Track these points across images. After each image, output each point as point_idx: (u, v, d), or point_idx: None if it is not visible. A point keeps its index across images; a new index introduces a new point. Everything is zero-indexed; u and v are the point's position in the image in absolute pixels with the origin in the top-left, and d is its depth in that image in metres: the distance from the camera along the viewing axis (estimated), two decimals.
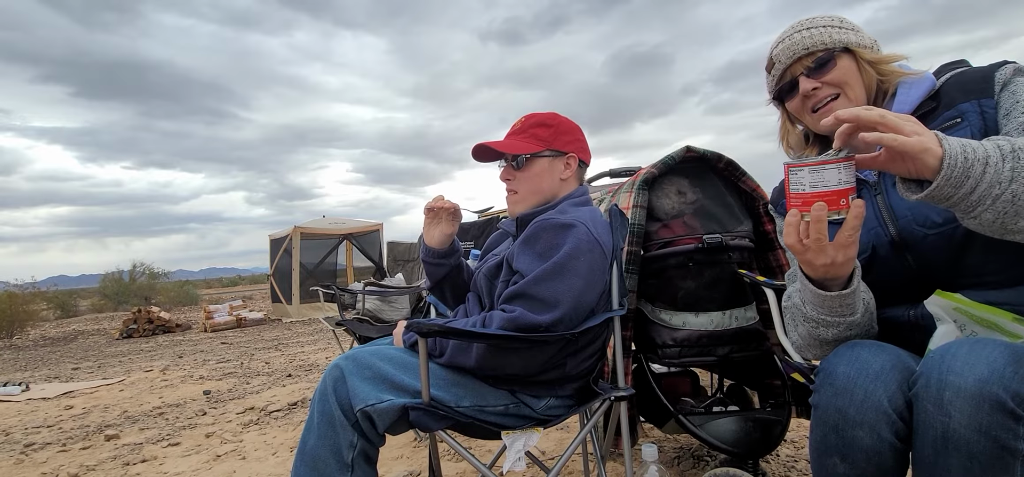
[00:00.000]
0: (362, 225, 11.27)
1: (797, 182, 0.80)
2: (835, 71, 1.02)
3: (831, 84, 1.02)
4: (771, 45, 1.11)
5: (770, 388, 1.75)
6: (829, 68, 1.02)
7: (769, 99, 1.17)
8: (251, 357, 5.65)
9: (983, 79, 0.93)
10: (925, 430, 0.73)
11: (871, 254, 0.98)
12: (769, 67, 1.12)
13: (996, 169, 0.72)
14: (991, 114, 0.90)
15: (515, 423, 1.23)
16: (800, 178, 0.80)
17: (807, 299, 0.92)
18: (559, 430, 2.43)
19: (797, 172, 0.80)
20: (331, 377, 1.19)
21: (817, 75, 1.03)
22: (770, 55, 1.11)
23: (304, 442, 1.18)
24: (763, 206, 1.76)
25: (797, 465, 1.93)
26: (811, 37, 1.03)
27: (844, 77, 1.02)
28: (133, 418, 3.38)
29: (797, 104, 1.08)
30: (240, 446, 2.65)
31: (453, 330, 1.13)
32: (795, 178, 0.80)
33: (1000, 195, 0.72)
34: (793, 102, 1.08)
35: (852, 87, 1.02)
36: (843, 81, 1.02)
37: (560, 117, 1.39)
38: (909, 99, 0.99)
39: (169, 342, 7.85)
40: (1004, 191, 0.72)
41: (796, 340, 1.02)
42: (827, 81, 1.02)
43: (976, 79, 0.94)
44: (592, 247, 1.21)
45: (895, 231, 0.96)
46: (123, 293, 16.04)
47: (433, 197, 1.44)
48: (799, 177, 0.80)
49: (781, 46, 1.07)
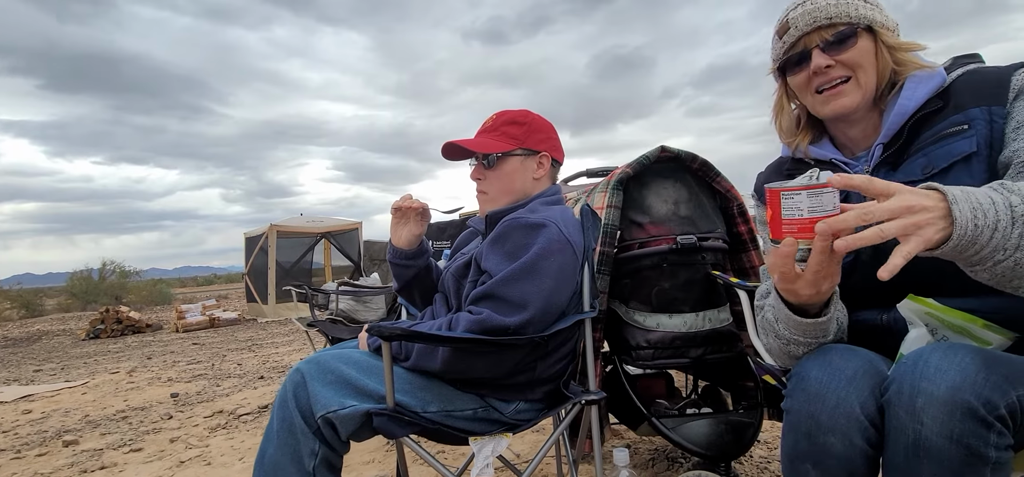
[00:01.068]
0: (341, 224, 11.10)
1: (792, 207, 0.73)
2: (854, 50, 0.93)
3: (846, 64, 0.94)
4: (787, 6, 1.00)
5: (743, 389, 1.75)
6: (848, 45, 0.93)
7: (771, 68, 1.07)
8: (223, 358, 5.51)
9: (997, 83, 0.87)
10: (897, 437, 0.72)
11: (854, 259, 0.94)
12: (781, 31, 1.00)
13: (1004, 235, 0.67)
14: (1000, 124, 0.84)
15: (484, 428, 1.20)
16: (796, 203, 0.72)
17: (781, 320, 0.88)
18: (535, 432, 2.41)
19: (792, 197, 0.73)
20: (292, 382, 1.14)
21: (834, 51, 0.94)
22: (785, 17, 0.99)
23: (263, 451, 1.14)
24: (736, 207, 1.76)
25: (770, 466, 1.93)
26: (836, 6, 0.93)
27: (861, 58, 0.94)
28: (95, 422, 3.25)
29: (803, 79, 0.99)
30: (206, 451, 2.56)
31: (418, 334, 1.09)
32: (790, 203, 0.73)
33: (1002, 260, 0.68)
34: (799, 76, 0.99)
35: (866, 71, 0.94)
36: (858, 63, 0.94)
37: (532, 115, 1.36)
38: (916, 96, 0.92)
39: (138, 343, 7.61)
40: (1008, 257, 0.68)
41: (767, 345, 1.00)
42: (843, 60, 0.94)
43: (990, 82, 0.88)
44: (563, 247, 1.18)
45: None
46: (92, 292, 15.54)
47: (401, 196, 1.40)
48: (795, 202, 0.72)
49: (800, 10, 0.96)
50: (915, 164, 0.91)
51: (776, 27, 1.02)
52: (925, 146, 0.91)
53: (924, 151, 0.90)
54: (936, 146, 0.89)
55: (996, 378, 0.67)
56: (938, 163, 0.88)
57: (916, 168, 0.91)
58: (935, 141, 0.89)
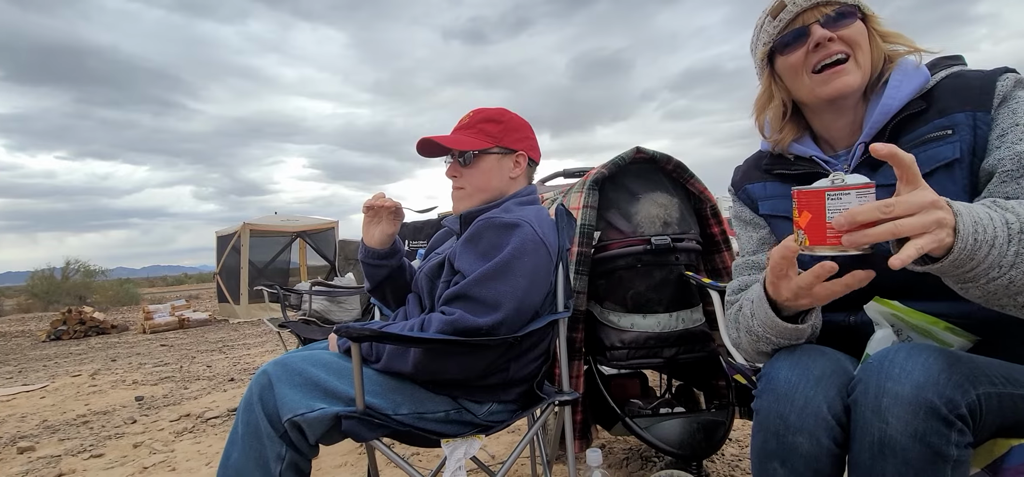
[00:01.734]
0: (316, 223, 10.90)
1: (841, 208, 0.67)
2: (854, 28, 0.91)
3: (846, 41, 0.92)
4: None
5: (716, 389, 1.77)
6: (849, 22, 0.91)
7: (759, 56, 1.02)
8: (192, 360, 5.35)
9: (982, 89, 0.85)
10: (863, 435, 0.73)
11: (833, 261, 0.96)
12: (776, 10, 0.96)
13: (1000, 252, 0.66)
14: (984, 131, 0.83)
15: (456, 430, 1.18)
16: (845, 205, 0.67)
17: (758, 316, 0.87)
18: (510, 433, 2.40)
19: (839, 198, 0.67)
20: (258, 385, 1.11)
21: (835, 26, 0.91)
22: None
23: (227, 455, 1.10)
24: (710, 209, 1.78)
25: (741, 464, 1.96)
26: None
27: (859, 38, 0.92)
28: (53, 428, 3.12)
29: (798, 58, 0.94)
30: (171, 457, 2.48)
31: (388, 335, 1.07)
32: (837, 205, 0.67)
33: (996, 278, 0.67)
34: (793, 55, 0.95)
35: (863, 52, 0.92)
36: (857, 42, 0.92)
37: (509, 113, 1.35)
38: (900, 94, 0.90)
39: (102, 344, 7.34)
40: (1002, 275, 0.67)
41: (735, 339, 1.00)
42: (843, 36, 0.91)
43: (974, 87, 0.86)
44: (537, 247, 1.17)
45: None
46: (54, 292, 14.94)
47: (373, 195, 1.37)
48: (844, 203, 0.67)
49: None
50: None
51: (768, 9, 0.98)
52: (907, 148, 0.88)
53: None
54: (918, 150, 0.86)
55: (958, 378, 0.68)
56: (921, 167, 0.85)
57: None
58: (917, 144, 0.87)
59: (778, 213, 1.04)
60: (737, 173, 1.14)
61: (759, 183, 1.07)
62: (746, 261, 1.07)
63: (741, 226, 1.12)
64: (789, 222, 0.97)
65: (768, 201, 1.06)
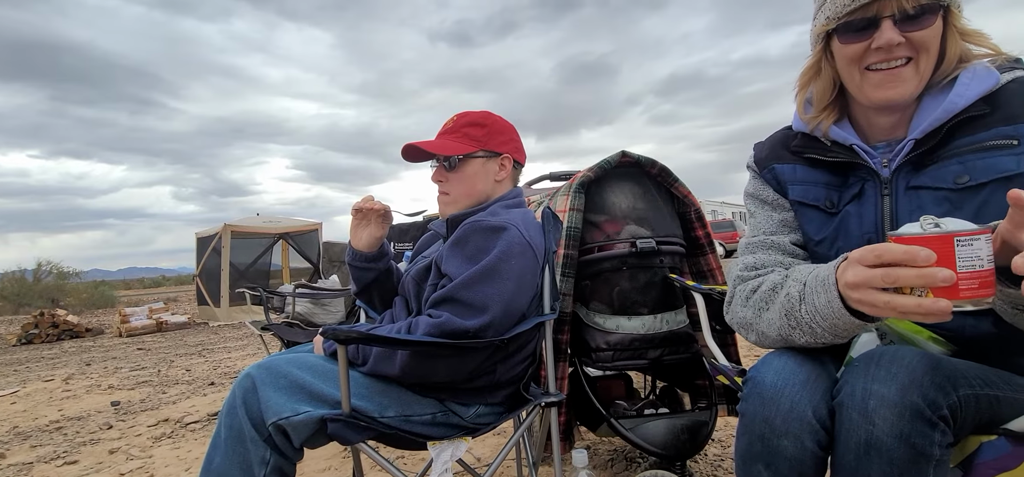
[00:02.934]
0: (300, 224, 10.77)
1: (972, 257, 0.61)
2: (929, 30, 0.82)
3: (912, 45, 0.82)
4: None
5: (699, 389, 1.80)
6: (926, 23, 0.81)
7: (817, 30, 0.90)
8: (170, 364, 5.24)
9: None
10: (848, 437, 0.74)
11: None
12: None
13: None
14: None
15: (443, 433, 1.18)
16: (976, 251, 0.61)
17: (817, 303, 0.77)
18: (496, 435, 2.40)
19: (970, 243, 0.61)
20: (241, 388, 1.09)
21: (909, 27, 0.81)
22: None
23: (209, 460, 1.08)
24: (694, 212, 1.80)
25: (723, 464, 1.99)
26: None
27: (929, 41, 0.82)
28: (24, 434, 3.02)
29: (858, 50, 0.85)
30: (149, 463, 2.43)
31: (375, 337, 1.06)
32: (967, 252, 0.61)
33: None
34: (854, 45, 0.85)
35: (928, 57, 0.83)
36: (925, 46, 0.82)
37: (494, 116, 1.36)
38: (967, 94, 0.82)
39: (76, 348, 7.15)
40: None
41: (745, 318, 0.92)
42: (913, 39, 0.82)
43: None
44: (524, 250, 1.18)
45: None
46: (25, 294, 14.51)
47: (362, 197, 1.36)
48: (974, 250, 0.61)
49: None
50: (946, 170, 0.83)
51: None
52: (962, 152, 0.82)
53: (961, 158, 0.82)
54: (976, 156, 0.81)
55: (940, 380, 0.70)
56: (977, 176, 0.80)
57: (947, 174, 0.83)
58: (976, 150, 0.81)
59: (807, 201, 0.96)
60: (761, 149, 1.05)
61: (788, 165, 0.99)
62: (761, 240, 0.99)
63: (759, 205, 1.04)
64: (818, 211, 0.94)
65: (798, 186, 0.98)
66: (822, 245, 0.95)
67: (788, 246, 0.97)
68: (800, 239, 0.99)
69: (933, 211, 0.83)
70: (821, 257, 0.94)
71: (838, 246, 0.92)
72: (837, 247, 0.92)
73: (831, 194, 0.94)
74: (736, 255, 1.05)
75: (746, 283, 0.94)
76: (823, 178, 0.96)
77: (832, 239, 0.93)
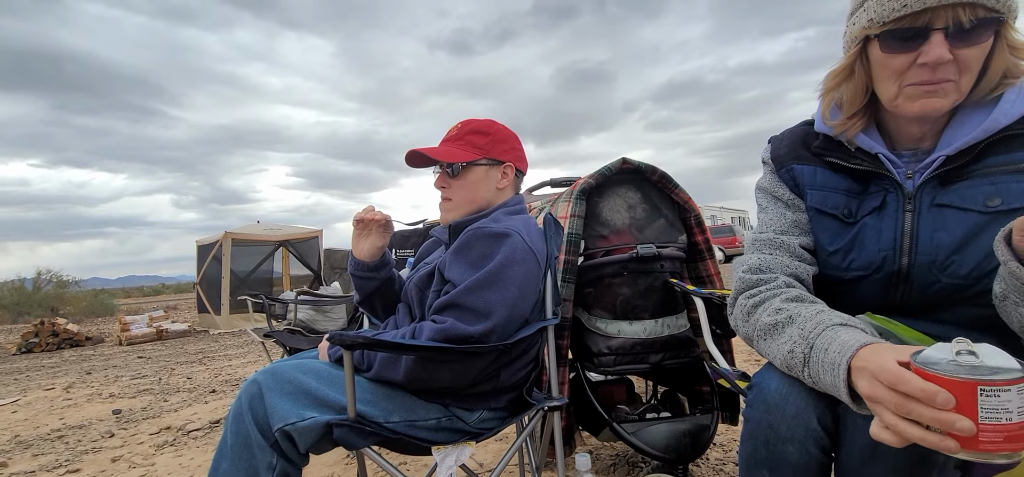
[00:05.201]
0: (300, 231, 10.79)
1: (997, 408, 0.52)
2: (978, 48, 0.75)
3: (960, 64, 0.76)
4: None
5: (700, 394, 1.81)
6: (979, 39, 0.75)
7: (854, 32, 0.83)
8: (171, 372, 5.24)
9: None
10: (853, 441, 0.75)
11: (868, 275, 0.87)
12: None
13: None
14: None
15: (447, 438, 1.19)
16: (1004, 403, 0.52)
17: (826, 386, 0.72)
18: (497, 440, 2.40)
19: (996, 394, 0.52)
20: (247, 394, 1.10)
21: (960, 43, 0.74)
22: None
23: (216, 466, 1.09)
24: (694, 218, 1.82)
25: (725, 468, 2.00)
26: None
27: (976, 60, 0.77)
28: (26, 443, 3.02)
29: (902, 63, 0.78)
30: (151, 470, 2.43)
31: (380, 343, 1.07)
32: (993, 403, 0.52)
33: None
34: (900, 56, 0.78)
35: (970, 75, 0.78)
36: (970, 66, 0.77)
37: (497, 125, 1.37)
38: (1012, 112, 0.77)
39: (77, 357, 7.13)
40: None
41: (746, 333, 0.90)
42: (961, 57, 0.76)
43: None
44: (526, 256, 1.19)
45: (907, 263, 0.83)
46: (25, 303, 14.49)
47: (363, 207, 1.38)
48: (1002, 401, 0.52)
49: None
50: (977, 190, 0.79)
51: None
52: (995, 172, 0.79)
53: (993, 178, 0.78)
54: (1011, 178, 0.77)
55: None
56: (1010, 201, 0.77)
57: (977, 195, 0.79)
58: (1011, 171, 0.77)
59: (825, 208, 0.92)
60: (779, 146, 1.00)
61: (808, 166, 0.95)
62: (770, 238, 0.94)
63: (772, 201, 0.99)
64: (834, 220, 0.91)
65: (817, 192, 0.93)
66: (836, 256, 0.91)
67: (796, 249, 0.93)
68: (810, 243, 0.94)
69: (955, 231, 0.80)
70: (834, 266, 0.91)
71: (852, 258, 0.89)
72: (850, 259, 0.89)
73: (850, 203, 0.90)
74: (744, 248, 1.01)
75: (747, 294, 0.91)
76: (843, 184, 0.91)
77: (846, 250, 0.90)
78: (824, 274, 0.93)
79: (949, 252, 0.80)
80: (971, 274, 0.78)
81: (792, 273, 0.91)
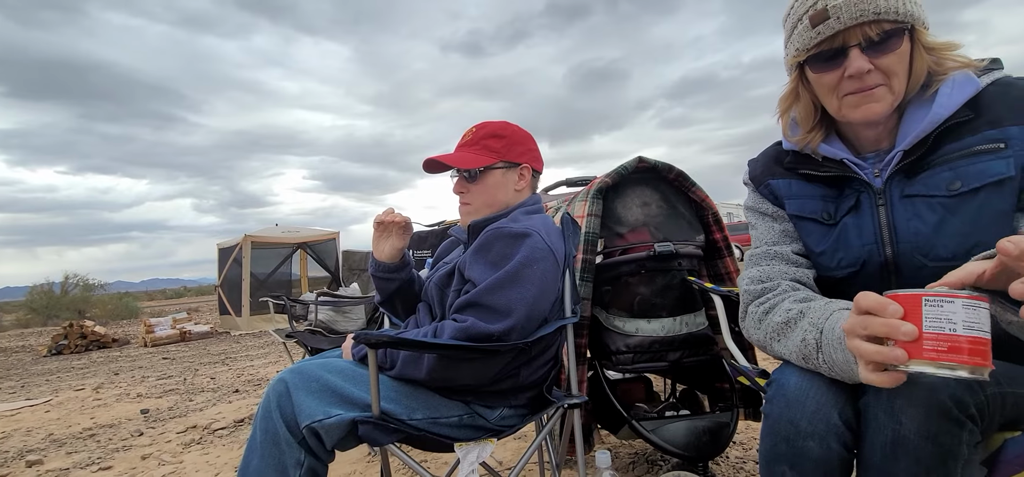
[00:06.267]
0: (317, 234, 10.94)
1: (940, 318, 0.57)
2: (895, 55, 0.83)
3: (882, 70, 0.84)
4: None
5: (719, 391, 1.80)
6: (891, 48, 0.83)
7: (791, 59, 0.93)
8: (195, 372, 5.36)
9: None
10: (875, 436, 0.75)
11: (859, 270, 0.91)
12: (816, 19, 0.85)
13: None
14: None
15: (469, 435, 1.21)
16: (947, 314, 0.57)
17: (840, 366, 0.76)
18: (516, 439, 2.42)
19: (943, 304, 0.57)
20: (275, 392, 1.13)
21: (875, 53, 0.83)
22: (822, 3, 0.84)
23: (246, 463, 1.13)
24: (711, 216, 1.82)
25: (745, 466, 1.99)
26: (886, 0, 0.81)
27: (897, 64, 0.84)
28: (60, 441, 3.13)
29: (832, 80, 0.87)
30: (180, 468, 2.50)
31: (404, 341, 1.10)
32: (937, 312, 0.57)
33: None
34: (827, 75, 0.88)
35: (899, 78, 0.85)
36: (894, 70, 0.84)
37: (512, 126, 1.39)
38: (951, 102, 0.84)
39: (104, 358, 7.34)
40: None
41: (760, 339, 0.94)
42: (882, 65, 0.84)
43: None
44: (545, 255, 1.21)
45: (891, 253, 0.88)
46: (53, 306, 14.94)
47: (383, 210, 1.41)
48: (945, 312, 0.57)
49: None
50: (938, 177, 0.85)
51: (806, 11, 0.87)
52: (952, 159, 0.84)
53: (950, 165, 0.84)
54: (966, 161, 0.83)
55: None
56: (969, 181, 0.82)
57: (939, 182, 0.85)
58: (965, 156, 0.83)
59: (805, 214, 0.99)
60: (755, 166, 1.08)
61: (783, 180, 1.02)
62: (764, 251, 1.02)
63: (759, 217, 1.07)
64: (815, 223, 0.97)
65: (795, 200, 1.00)
66: (824, 256, 0.96)
67: (790, 255, 0.99)
68: (802, 248, 1.00)
69: (928, 217, 0.84)
70: (825, 267, 0.96)
71: (839, 256, 0.94)
72: (838, 257, 0.94)
73: (828, 206, 0.96)
74: (742, 266, 1.07)
75: (757, 302, 0.95)
76: (819, 191, 0.97)
77: (833, 250, 0.95)
78: (819, 276, 0.98)
79: (928, 237, 0.85)
80: (955, 255, 0.82)
81: (793, 278, 0.96)
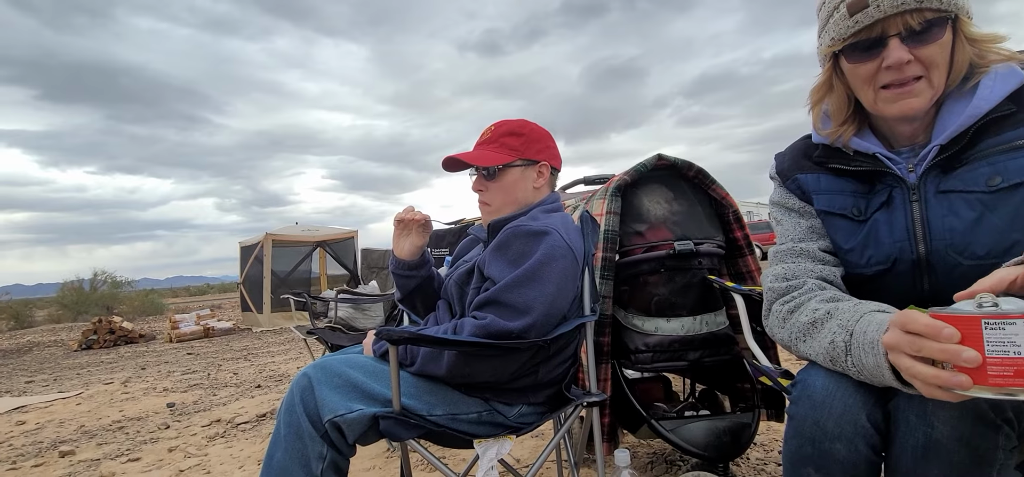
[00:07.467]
0: (336, 232, 11.09)
1: (1005, 341, 0.54)
2: (937, 45, 0.80)
3: (922, 62, 0.81)
4: None
5: (740, 392, 1.78)
6: (933, 38, 0.80)
7: (825, 48, 0.89)
8: (218, 368, 5.48)
9: None
10: (906, 439, 0.73)
11: (889, 268, 0.88)
12: (854, 7, 0.82)
13: None
14: None
15: (488, 431, 1.22)
16: (1011, 336, 0.53)
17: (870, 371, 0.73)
18: (534, 437, 2.42)
19: (1005, 327, 0.54)
20: (299, 387, 1.16)
21: (916, 44, 0.80)
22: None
23: (270, 455, 1.15)
24: (732, 214, 1.79)
25: (766, 468, 1.96)
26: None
27: (938, 56, 0.81)
28: (91, 433, 3.23)
29: (869, 70, 0.84)
30: (205, 460, 2.56)
31: (424, 337, 1.11)
32: (999, 335, 0.54)
33: None
34: (864, 65, 0.84)
35: (939, 70, 0.82)
36: (935, 62, 0.81)
37: (530, 124, 1.39)
38: (994, 95, 0.81)
39: (132, 353, 7.55)
40: None
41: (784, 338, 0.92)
42: (922, 56, 0.80)
43: None
44: (564, 253, 1.21)
45: (924, 251, 0.85)
46: (83, 303, 15.41)
47: (403, 208, 1.42)
48: (1009, 334, 0.54)
49: None
50: (977, 172, 0.82)
51: (846, 1, 0.83)
52: (991, 154, 0.81)
53: (990, 159, 0.81)
54: (1007, 156, 0.80)
55: None
56: (1010, 177, 0.79)
57: (978, 177, 0.82)
58: (1006, 150, 0.80)
59: (834, 210, 0.96)
60: (782, 160, 1.05)
61: (812, 174, 0.99)
62: (790, 247, 0.98)
63: (785, 213, 1.03)
64: (844, 219, 0.94)
65: (824, 196, 0.97)
66: (853, 253, 0.93)
67: (817, 253, 0.95)
68: (829, 246, 0.97)
69: (965, 214, 0.81)
70: (853, 265, 0.93)
71: (869, 254, 0.90)
72: (867, 255, 0.91)
73: (858, 202, 0.93)
74: (767, 263, 1.04)
75: (781, 301, 0.93)
76: (849, 187, 0.94)
77: (862, 247, 0.91)
78: (847, 274, 0.94)
79: (963, 234, 0.81)
80: (990, 252, 0.79)
81: (820, 276, 0.93)
